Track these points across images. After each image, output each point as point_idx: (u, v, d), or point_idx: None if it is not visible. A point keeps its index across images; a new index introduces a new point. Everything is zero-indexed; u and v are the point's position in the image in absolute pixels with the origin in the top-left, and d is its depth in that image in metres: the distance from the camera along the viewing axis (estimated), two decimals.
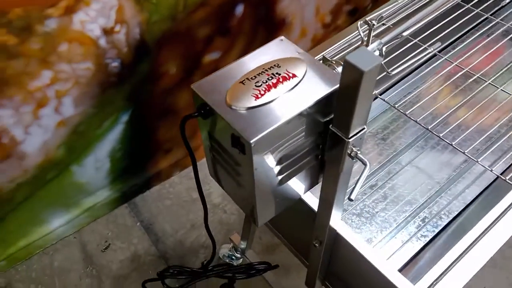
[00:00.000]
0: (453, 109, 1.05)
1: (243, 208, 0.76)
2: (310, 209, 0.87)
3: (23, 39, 1.15)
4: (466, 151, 0.89)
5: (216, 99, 0.64)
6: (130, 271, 1.54)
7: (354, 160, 0.68)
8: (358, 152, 0.66)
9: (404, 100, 1.15)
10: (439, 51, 1.04)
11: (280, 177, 0.69)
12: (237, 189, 0.73)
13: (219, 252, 1.51)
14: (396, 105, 0.99)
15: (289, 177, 0.71)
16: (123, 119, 1.52)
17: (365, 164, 0.65)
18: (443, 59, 1.10)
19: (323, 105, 0.64)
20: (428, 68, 1.17)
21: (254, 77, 0.65)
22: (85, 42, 1.27)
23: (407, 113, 0.96)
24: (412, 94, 1.24)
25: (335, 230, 0.86)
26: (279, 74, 0.66)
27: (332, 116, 0.66)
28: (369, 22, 0.73)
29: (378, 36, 0.78)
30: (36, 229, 1.56)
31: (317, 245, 0.89)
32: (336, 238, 0.88)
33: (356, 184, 0.64)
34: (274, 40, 0.73)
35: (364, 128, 0.66)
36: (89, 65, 1.33)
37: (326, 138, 0.69)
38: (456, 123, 1.02)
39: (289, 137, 0.64)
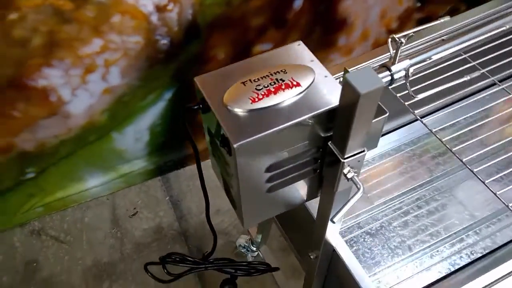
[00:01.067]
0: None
1: (234, 207, 0.75)
2: (310, 215, 0.84)
3: (79, 5, 1.21)
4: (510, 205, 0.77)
5: (215, 96, 0.63)
6: (151, 241, 1.59)
7: (350, 182, 0.64)
8: (355, 174, 0.63)
9: (452, 130, 1.03)
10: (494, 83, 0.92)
11: (270, 185, 0.66)
12: (228, 188, 0.72)
13: (236, 240, 1.52)
14: (443, 136, 0.86)
15: (281, 185, 0.68)
16: (166, 96, 1.56)
17: (358, 188, 0.61)
18: (499, 88, 0.98)
19: (322, 120, 0.61)
20: (480, 96, 1.07)
21: (257, 80, 0.63)
22: (137, 16, 1.31)
23: (453, 150, 0.81)
24: (460, 124, 1.13)
25: (332, 246, 0.83)
26: (283, 81, 0.63)
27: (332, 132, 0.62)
28: (397, 40, 0.68)
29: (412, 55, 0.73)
30: (73, 185, 1.65)
31: (312, 257, 0.86)
32: (333, 255, 0.85)
33: (342, 207, 0.60)
34: (292, 44, 0.70)
35: (363, 151, 0.62)
36: (139, 39, 1.37)
37: (325, 153, 0.65)
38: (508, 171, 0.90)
39: (281, 147, 0.62)
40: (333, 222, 0.60)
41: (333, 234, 0.79)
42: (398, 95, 0.86)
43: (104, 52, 1.35)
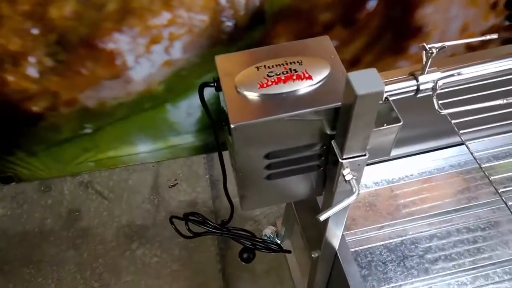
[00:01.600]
0: None
1: (237, 188, 0.76)
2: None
3: None
4: None
5: (228, 76, 0.63)
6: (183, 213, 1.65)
7: (348, 184, 0.62)
8: (354, 177, 0.60)
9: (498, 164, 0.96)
10: None
11: (269, 172, 0.66)
12: (233, 168, 0.73)
13: (263, 230, 1.52)
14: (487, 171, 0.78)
15: (282, 175, 0.67)
16: None
17: (353, 192, 0.59)
18: None
19: (326, 117, 0.58)
20: None
21: (271, 66, 0.63)
22: None
23: (499, 191, 0.70)
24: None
25: (335, 249, 0.80)
26: (296, 72, 0.62)
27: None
28: (427, 48, 0.63)
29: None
30: (124, 147, 1.75)
31: (313, 256, 0.85)
32: (335, 258, 0.82)
33: (331, 208, 0.58)
34: (318, 37, 0.68)
35: (364, 155, 0.59)
36: (205, 18, 1.40)
37: (329, 151, 0.64)
38: None
39: (282, 136, 0.61)
40: (319, 220, 0.58)
41: (336, 236, 0.77)
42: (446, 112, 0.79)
43: (170, 26, 1.41)
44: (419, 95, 0.67)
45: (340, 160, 0.59)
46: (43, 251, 1.59)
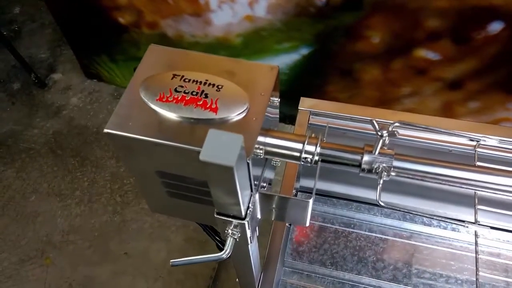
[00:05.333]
0: None
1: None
2: None
3: None
4: None
5: (144, 72, 0.56)
6: None
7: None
8: (232, 236, 0.51)
9: None
10: None
11: (166, 189, 0.59)
12: None
13: None
14: None
15: (181, 197, 0.60)
16: (302, 51, 1.46)
17: (224, 250, 0.51)
18: None
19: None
20: None
21: (188, 80, 0.53)
22: None
23: None
24: None
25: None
26: (206, 97, 0.51)
27: None
28: (376, 128, 0.49)
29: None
30: None
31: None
32: None
33: (185, 260, 0.51)
34: (268, 65, 0.56)
35: (242, 219, 0.49)
36: None
37: None
38: None
39: (165, 159, 0.53)
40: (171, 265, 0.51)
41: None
42: None
43: None
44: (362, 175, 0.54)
45: (215, 214, 0.50)
46: (91, 151, 1.72)
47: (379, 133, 0.51)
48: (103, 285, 1.47)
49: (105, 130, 0.51)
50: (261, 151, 0.53)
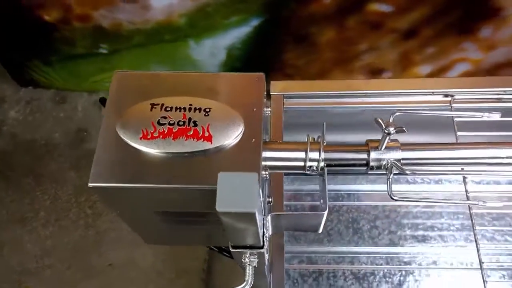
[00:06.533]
0: None
1: None
2: None
3: None
4: None
5: (115, 105, 0.49)
6: None
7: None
8: (251, 265, 0.48)
9: None
10: None
11: (167, 224, 0.54)
12: None
13: None
14: None
15: (185, 225, 0.55)
16: (252, 23, 1.38)
17: (245, 281, 0.47)
18: None
19: (207, 196, 0.45)
20: None
21: (169, 109, 0.47)
22: None
23: None
24: None
25: None
26: (195, 125, 0.46)
27: None
28: (383, 126, 0.46)
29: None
30: None
31: None
32: None
33: None
34: (252, 74, 0.51)
35: (261, 247, 0.46)
36: None
37: None
38: None
39: (164, 201, 0.48)
40: None
41: None
42: None
43: None
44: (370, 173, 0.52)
45: (231, 249, 0.46)
46: (45, 165, 1.60)
47: (386, 131, 0.48)
48: None
49: (90, 185, 0.45)
50: (266, 172, 0.48)
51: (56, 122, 1.67)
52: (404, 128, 0.47)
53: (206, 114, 0.46)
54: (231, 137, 0.46)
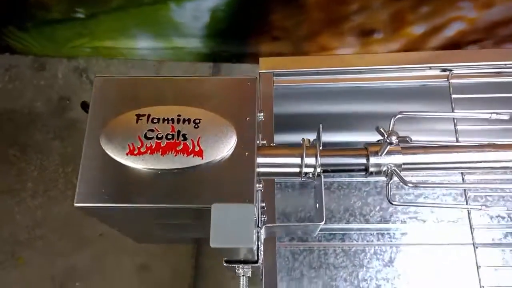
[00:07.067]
0: None
1: None
2: None
3: None
4: None
5: (98, 115, 0.46)
6: None
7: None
8: (243, 275, 0.47)
9: None
10: None
11: (158, 229, 0.53)
12: None
13: None
14: None
15: (176, 227, 0.54)
16: None
17: None
18: None
19: (198, 214, 0.43)
20: None
21: (156, 120, 0.44)
22: None
23: None
24: None
25: None
26: (185, 139, 0.43)
27: None
28: (383, 133, 0.44)
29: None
30: (123, 40, 1.57)
31: None
32: None
33: None
34: (244, 78, 0.47)
35: (255, 262, 0.45)
36: None
37: None
38: None
39: (155, 219, 0.46)
40: None
41: None
42: None
43: None
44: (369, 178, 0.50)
45: (224, 264, 0.45)
46: (29, 136, 1.56)
47: (388, 140, 0.45)
48: (88, 271, 1.42)
49: (76, 205, 0.43)
50: (261, 185, 0.46)
51: (37, 90, 1.61)
52: (407, 138, 0.45)
53: (196, 126, 0.43)
54: (223, 151, 0.44)
